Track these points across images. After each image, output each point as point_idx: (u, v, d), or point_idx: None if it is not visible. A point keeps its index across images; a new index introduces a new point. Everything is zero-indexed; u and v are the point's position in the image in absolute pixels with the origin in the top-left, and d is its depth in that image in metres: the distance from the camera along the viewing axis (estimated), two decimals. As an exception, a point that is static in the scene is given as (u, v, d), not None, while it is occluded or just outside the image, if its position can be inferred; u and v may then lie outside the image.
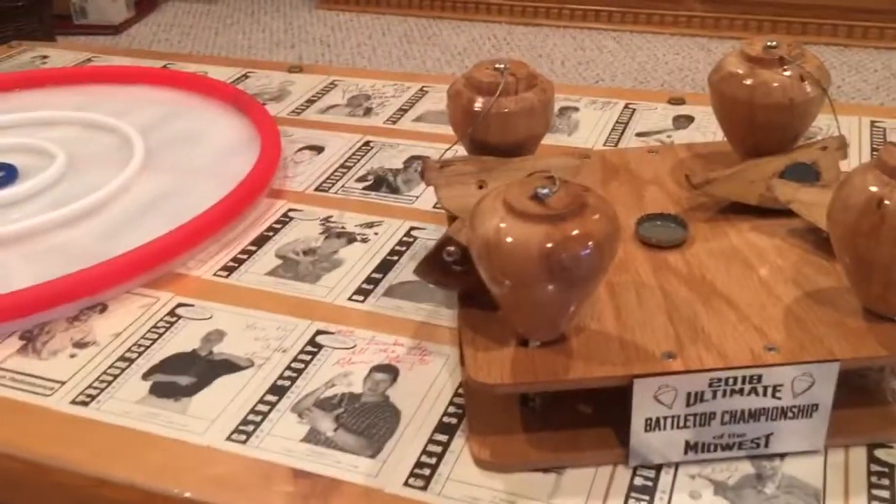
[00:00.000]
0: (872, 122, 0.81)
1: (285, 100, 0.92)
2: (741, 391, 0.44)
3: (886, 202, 0.42)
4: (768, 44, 0.57)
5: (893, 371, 0.50)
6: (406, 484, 0.46)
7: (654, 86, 1.94)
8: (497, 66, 0.57)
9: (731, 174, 0.56)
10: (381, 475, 0.46)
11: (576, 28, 2.35)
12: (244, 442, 0.49)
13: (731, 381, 0.44)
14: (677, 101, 0.87)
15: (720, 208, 0.57)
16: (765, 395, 0.44)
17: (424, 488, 0.45)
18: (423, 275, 0.50)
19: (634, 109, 0.86)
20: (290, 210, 0.71)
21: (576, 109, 0.87)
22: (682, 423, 0.45)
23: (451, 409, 0.50)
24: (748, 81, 0.57)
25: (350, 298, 0.60)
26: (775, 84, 0.56)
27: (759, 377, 0.44)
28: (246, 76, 0.99)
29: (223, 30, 2.51)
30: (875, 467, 0.45)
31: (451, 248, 0.47)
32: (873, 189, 0.43)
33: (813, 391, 0.44)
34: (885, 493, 0.44)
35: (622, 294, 0.49)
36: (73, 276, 0.60)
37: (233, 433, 0.49)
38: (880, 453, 0.46)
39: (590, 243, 0.41)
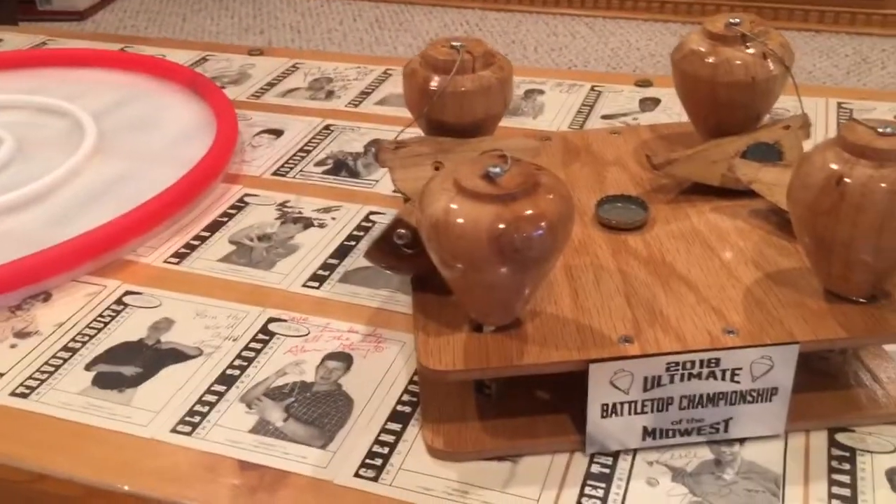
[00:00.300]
0: (839, 104, 0.80)
1: (245, 83, 0.90)
2: (699, 375, 0.43)
3: (846, 180, 0.41)
4: (731, 21, 0.56)
5: (855, 353, 0.49)
6: (356, 475, 0.44)
7: (627, 71, 1.93)
8: (453, 44, 0.55)
9: (692, 154, 0.55)
10: (331, 466, 0.45)
11: (549, 14, 2.34)
12: (189, 434, 0.47)
13: (688, 365, 0.43)
14: (644, 83, 0.86)
15: (682, 189, 0.56)
16: (723, 378, 0.43)
17: (375, 479, 0.44)
18: (374, 259, 0.48)
19: (601, 92, 0.85)
20: (245, 195, 0.69)
21: (541, 92, 0.85)
22: (639, 409, 0.44)
23: (406, 398, 0.49)
24: (710, 59, 0.55)
25: (304, 285, 0.58)
26: (738, 62, 0.55)
27: (718, 361, 0.43)
28: (205, 59, 0.96)
29: (191, 15, 2.46)
30: (836, 451, 0.44)
31: (402, 231, 0.46)
32: (833, 167, 0.42)
33: (772, 374, 0.43)
34: (845, 478, 0.43)
35: (580, 277, 0.48)
36: (14, 264, 0.58)
37: (178, 424, 0.47)
38: (841, 437, 0.45)
39: (542, 224, 0.40)
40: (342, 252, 0.62)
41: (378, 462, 0.45)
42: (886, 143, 0.41)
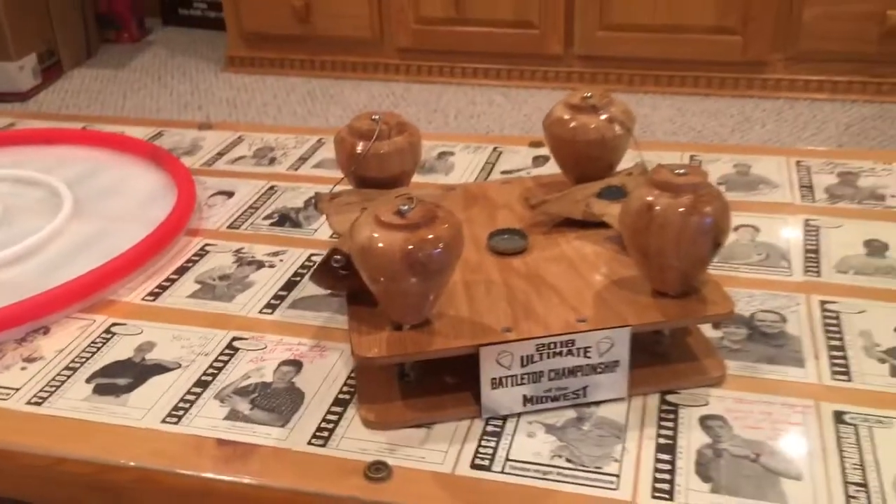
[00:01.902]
0: (692, 156, 0.98)
1: (197, 153, 1.04)
2: (560, 353, 0.58)
3: (656, 207, 0.58)
4: (585, 95, 0.73)
5: (680, 338, 0.65)
6: (309, 443, 0.58)
7: (539, 134, 2.13)
8: (373, 117, 0.71)
9: (561, 196, 0.71)
10: (289, 439, 0.58)
11: (468, 85, 2.54)
12: (177, 423, 0.60)
13: (552, 345, 0.58)
14: (536, 144, 1.03)
15: (554, 223, 0.72)
16: (578, 355, 0.58)
17: (324, 445, 0.57)
18: (317, 280, 0.63)
19: (501, 152, 1.01)
20: (206, 245, 0.83)
21: (452, 154, 1.01)
22: (519, 381, 0.58)
23: (345, 389, 0.63)
24: (571, 124, 0.72)
25: (260, 311, 0.72)
26: (592, 126, 0.72)
27: (573, 342, 0.58)
28: (160, 134, 1.10)
29: (131, 94, 2.59)
30: (665, 407, 0.60)
31: (338, 257, 0.60)
32: (646, 198, 0.58)
33: (613, 351, 0.59)
34: (670, 424, 0.58)
35: (474, 289, 0.63)
36: (19, 304, 0.70)
37: (167, 416, 0.60)
38: (670, 398, 0.61)
39: (440, 244, 0.55)
40: (290, 285, 0.76)
41: (326, 434, 0.58)
42: (681, 180, 0.58)
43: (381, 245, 0.55)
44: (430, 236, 0.55)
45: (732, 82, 2.40)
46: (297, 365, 0.66)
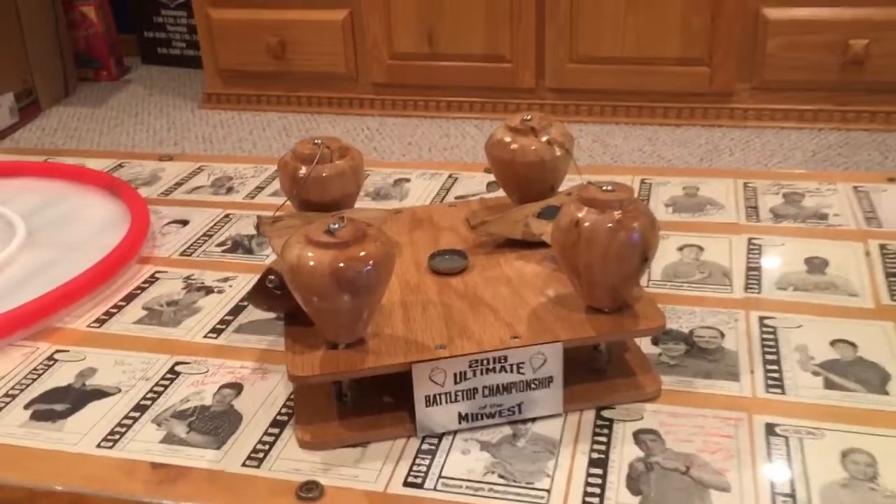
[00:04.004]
0: (643, 180, 1.00)
1: (156, 184, 1.05)
2: (494, 369, 0.58)
3: (584, 223, 0.59)
4: (524, 118, 0.74)
5: (617, 354, 0.66)
6: (243, 465, 0.58)
7: (511, 165, 2.15)
8: (316, 141, 0.72)
9: (500, 216, 0.72)
10: (224, 461, 0.58)
11: (441, 118, 2.57)
12: (111, 447, 0.60)
13: (485, 362, 0.58)
14: (490, 171, 1.04)
15: (496, 244, 0.73)
16: (512, 371, 0.59)
17: (258, 466, 0.57)
18: (253, 301, 0.63)
19: (457, 178, 1.03)
20: (156, 272, 0.83)
21: (407, 180, 1.03)
22: (453, 398, 0.59)
23: (284, 410, 0.63)
24: (512, 146, 0.73)
25: (205, 336, 0.72)
26: (533, 147, 0.73)
27: (506, 357, 0.58)
28: (121, 165, 1.11)
29: (108, 131, 2.60)
30: (600, 422, 0.60)
31: (272, 277, 0.61)
32: (574, 214, 0.59)
33: (547, 367, 0.59)
34: (603, 438, 0.59)
35: (412, 309, 0.64)
36: (-39, 332, 0.70)
37: (101, 441, 0.60)
38: (605, 413, 0.61)
39: (370, 262, 0.55)
40: (237, 310, 0.76)
41: (261, 455, 0.58)
42: (608, 196, 0.59)
43: (310, 263, 0.55)
44: (360, 254, 0.55)
45: (701, 112, 2.44)
46: (237, 388, 0.66)
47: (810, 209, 0.89)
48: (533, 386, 0.60)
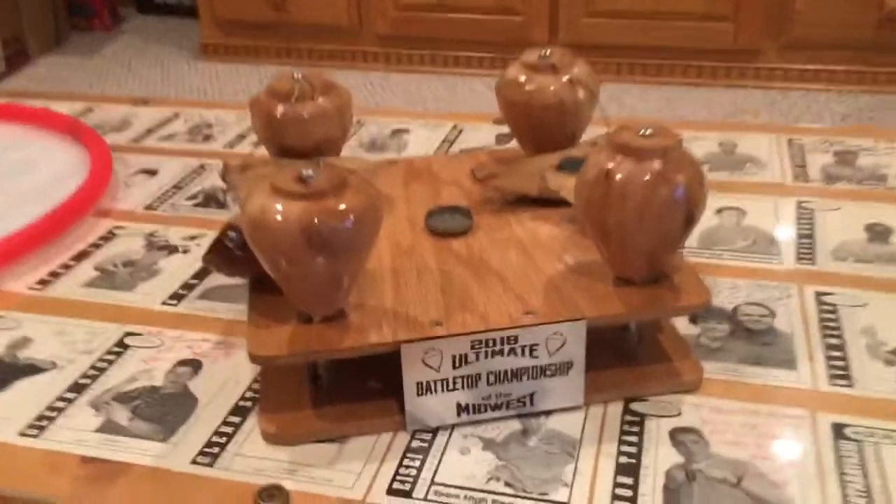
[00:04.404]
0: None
1: (127, 130, 0.94)
2: (502, 351, 0.48)
3: (616, 175, 0.48)
4: (542, 54, 0.63)
5: (650, 333, 0.55)
6: (193, 462, 0.47)
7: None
8: (294, 75, 0.61)
9: (512, 168, 0.61)
10: (170, 456, 0.48)
11: (449, 74, 2.44)
12: (36, 436, 0.50)
13: (491, 342, 0.48)
14: (500, 121, 0.93)
15: (507, 202, 0.62)
16: (524, 354, 0.48)
17: (211, 465, 0.47)
18: (211, 262, 0.53)
19: (462, 130, 0.91)
20: (115, 228, 0.73)
21: (407, 132, 0.92)
22: (451, 386, 0.48)
23: (248, 395, 0.53)
24: (527, 87, 0.62)
25: (164, 303, 0.62)
26: (552, 88, 0.62)
27: (516, 338, 0.48)
28: (90, 110, 1.00)
29: (98, 83, 2.48)
30: (628, 417, 0.50)
31: (231, 234, 0.50)
32: (603, 164, 0.48)
33: (566, 349, 0.49)
34: (633, 438, 0.48)
35: (404, 275, 0.53)
36: None
37: (26, 428, 0.50)
38: (635, 405, 0.51)
39: (351, 217, 0.45)
40: (204, 273, 0.65)
41: (215, 450, 0.48)
42: (646, 142, 0.48)
43: (277, 218, 0.44)
44: (338, 207, 0.45)
45: (724, 71, 2.30)
46: (195, 365, 0.56)
47: (867, 169, 0.78)
48: (548, 372, 0.49)
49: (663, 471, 0.46)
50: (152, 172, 0.83)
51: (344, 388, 0.52)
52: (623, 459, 0.47)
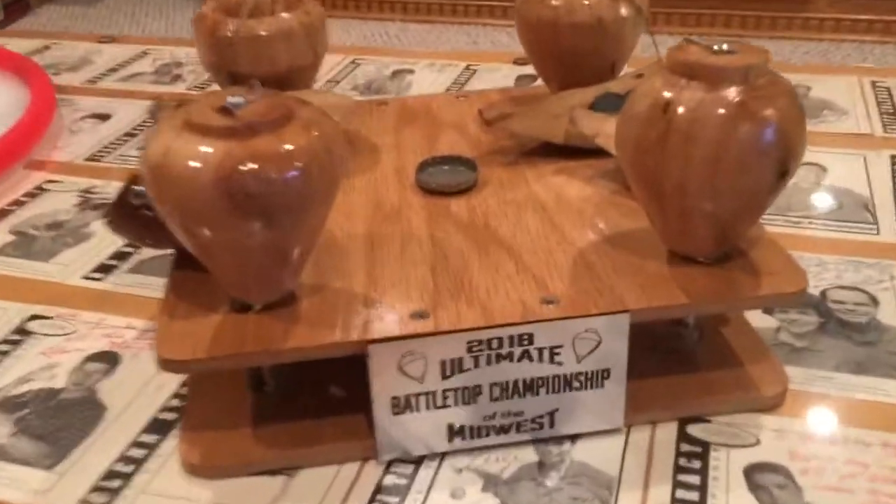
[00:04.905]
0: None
1: (84, 69, 0.81)
2: (510, 356, 0.35)
3: (674, 105, 0.34)
4: (574, -43, 0.49)
5: (714, 330, 0.41)
6: (83, 501, 0.35)
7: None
8: (249, -16, 0.47)
9: (532, 107, 0.47)
10: (56, 490, 0.35)
11: (470, 24, 2.28)
12: None
13: (495, 343, 0.34)
14: (523, 61, 0.79)
15: (524, 151, 0.48)
16: (540, 359, 0.35)
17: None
18: (115, 226, 0.39)
19: (475, 70, 0.77)
20: (47, 182, 0.60)
21: (411, 72, 0.78)
22: (440, 402, 0.35)
23: (174, 403, 0.40)
24: (554, 2, 0.48)
25: (86, 276, 0.49)
26: (586, 2, 0.48)
27: (531, 337, 0.34)
28: (47, 48, 0.87)
29: (98, 32, 2.35)
30: (686, 447, 0.36)
31: (137, 188, 0.37)
32: (660, 93, 0.34)
33: (602, 353, 0.35)
34: (693, 479, 0.35)
35: (384, 246, 0.40)
36: None
37: None
38: (694, 429, 0.37)
39: (295, 165, 0.31)
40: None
41: (116, 484, 0.36)
42: (721, 60, 0.34)
43: (185, 164, 0.31)
44: (278, 149, 0.31)
45: (769, 22, 2.12)
46: (110, 360, 0.43)
47: (976, 118, 0.63)
48: (576, 384, 0.36)
49: None
50: (104, 117, 0.70)
51: (297, 400, 0.39)
52: (679, 510, 0.34)
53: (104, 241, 0.52)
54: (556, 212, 0.42)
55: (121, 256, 0.51)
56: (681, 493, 0.34)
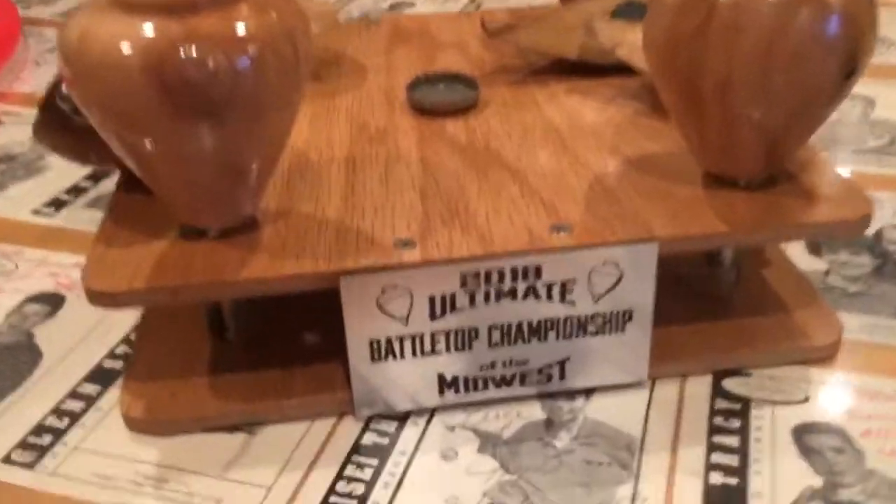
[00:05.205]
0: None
1: (58, 3, 0.75)
2: (513, 293, 0.29)
3: (721, -8, 0.28)
4: None
5: (754, 269, 0.36)
6: (6, 461, 0.30)
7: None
8: None
9: (542, 18, 0.41)
10: (-25, 448, 0.30)
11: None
12: None
13: (495, 276, 0.29)
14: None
15: (532, 69, 0.42)
16: (549, 297, 0.29)
17: (32, 466, 0.29)
18: (42, 136, 0.34)
19: (480, 4, 0.71)
20: (3, 114, 0.54)
21: (411, 5, 0.71)
22: (428, 347, 0.30)
23: (122, 349, 0.35)
24: None
25: (35, 211, 0.44)
26: None
27: (539, 269, 0.29)
28: (22, -21, 0.81)
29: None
30: (721, 403, 0.31)
31: (65, 89, 0.31)
32: (699, -28, 0.28)
33: (623, 291, 0.30)
34: (732, 440, 0.29)
35: (365, 169, 0.34)
36: None
37: None
38: (730, 384, 0.32)
39: (249, 49, 0.25)
40: (104, 174, 0.47)
41: (46, 440, 0.30)
42: (777, -69, 0.28)
43: (106, 47, 0.25)
44: (223, 30, 0.26)
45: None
46: (52, 302, 0.37)
47: None
48: (592, 327, 0.31)
49: (789, 501, 0.27)
50: (73, 49, 0.64)
51: (264, 349, 0.33)
52: (716, 478, 0.28)
53: (61, 175, 0.47)
54: (568, 133, 0.36)
55: (77, 191, 0.45)
56: (717, 457, 0.28)
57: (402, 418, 0.30)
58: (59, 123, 0.31)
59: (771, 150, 0.29)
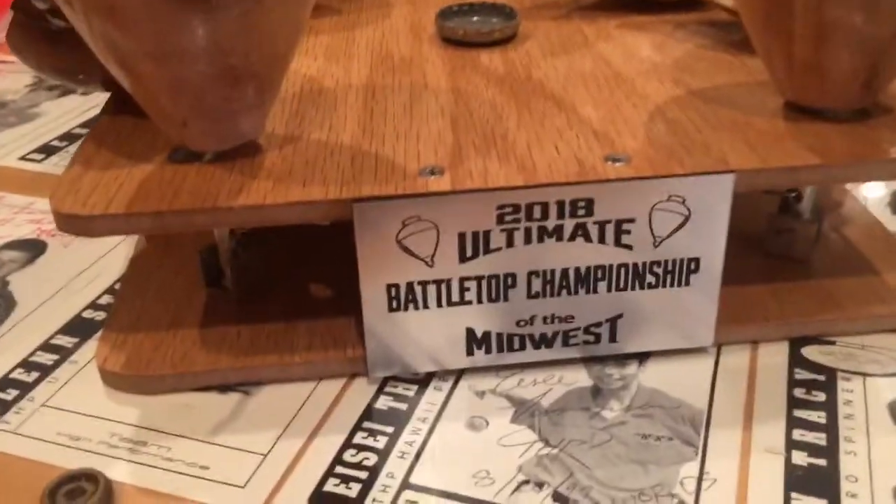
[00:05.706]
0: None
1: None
2: (558, 232, 0.25)
3: None
4: None
5: (836, 229, 0.31)
6: (-38, 414, 0.26)
7: None
8: None
9: (591, -56, 0.37)
10: (-72, 401, 0.26)
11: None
12: None
13: (537, 210, 0.24)
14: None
15: (579, 4, 0.38)
16: (602, 239, 0.25)
17: (-7, 422, 0.26)
18: (16, 42, 0.30)
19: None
20: (3, 62, 0.51)
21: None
22: (456, 295, 0.25)
23: (105, 300, 0.31)
24: None
25: (24, 157, 0.40)
26: None
27: (589, 204, 0.24)
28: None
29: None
30: (802, 373, 0.26)
31: None
32: None
33: (690, 233, 0.25)
34: (817, 416, 0.25)
35: (387, 98, 0.30)
36: None
37: None
38: (811, 352, 0.27)
39: (249, -71, 0.22)
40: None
41: (11, 395, 0.26)
42: None
43: None
44: None
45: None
46: (33, 249, 0.34)
47: None
48: (650, 279, 0.26)
49: (890, 486, 0.23)
50: None
51: (265, 300, 0.29)
52: (799, 458, 0.24)
53: (55, 122, 0.43)
54: (623, 65, 0.32)
55: (69, 138, 0.41)
56: (800, 434, 0.24)
57: (423, 381, 0.26)
58: (37, 27, 0.27)
59: (871, 69, 0.25)
